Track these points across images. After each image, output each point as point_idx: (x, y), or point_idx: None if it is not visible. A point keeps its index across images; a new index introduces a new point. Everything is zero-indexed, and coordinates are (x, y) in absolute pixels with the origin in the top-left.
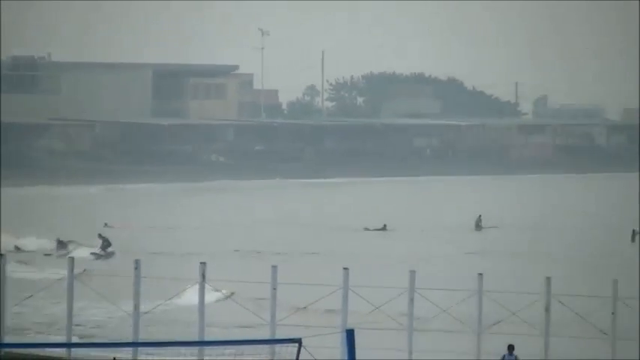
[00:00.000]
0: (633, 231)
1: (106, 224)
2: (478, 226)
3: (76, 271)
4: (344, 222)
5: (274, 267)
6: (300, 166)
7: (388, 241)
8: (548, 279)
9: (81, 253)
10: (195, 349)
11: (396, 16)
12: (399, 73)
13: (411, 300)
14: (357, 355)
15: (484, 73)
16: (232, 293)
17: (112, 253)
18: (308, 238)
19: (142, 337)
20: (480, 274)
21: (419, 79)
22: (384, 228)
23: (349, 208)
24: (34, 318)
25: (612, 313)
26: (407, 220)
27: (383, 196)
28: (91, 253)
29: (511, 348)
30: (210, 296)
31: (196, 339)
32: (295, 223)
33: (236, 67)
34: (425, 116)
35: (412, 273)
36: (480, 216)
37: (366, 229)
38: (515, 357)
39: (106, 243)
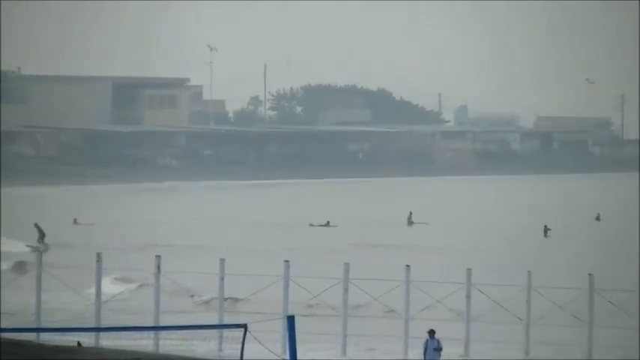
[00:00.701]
0: (545, 227)
1: (75, 221)
2: (410, 222)
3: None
4: (289, 219)
5: (222, 260)
6: (245, 168)
7: (331, 235)
8: (469, 270)
9: (15, 246)
10: (151, 334)
11: (331, 32)
12: (333, 84)
13: (346, 290)
14: (299, 339)
15: (411, 84)
16: (142, 284)
17: (47, 245)
18: (254, 234)
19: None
20: (408, 265)
21: (352, 90)
22: (327, 224)
23: (293, 206)
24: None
25: (527, 301)
26: (347, 217)
27: (323, 196)
28: (27, 246)
29: (432, 333)
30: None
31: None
32: (242, 221)
33: (187, 80)
34: (357, 124)
35: (346, 265)
36: (411, 213)
37: (311, 225)
38: (437, 341)
39: (42, 234)
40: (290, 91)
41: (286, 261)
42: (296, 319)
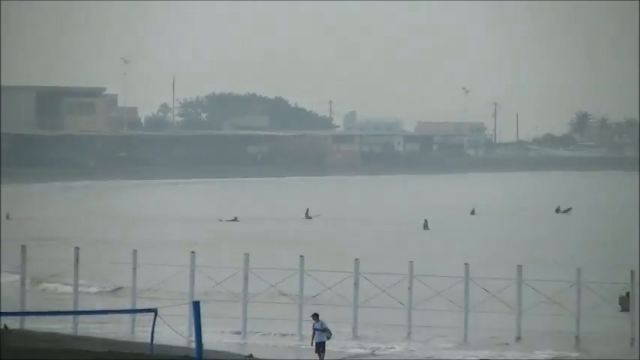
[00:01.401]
0: (425, 221)
1: (7, 216)
2: (307, 216)
3: None
4: (198, 215)
5: (135, 251)
6: (155, 169)
7: (238, 229)
8: (357, 260)
9: None
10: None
11: (232, 45)
12: (235, 93)
13: (246, 277)
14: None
15: (305, 92)
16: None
17: None
18: (166, 228)
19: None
20: (302, 256)
21: (251, 99)
22: (235, 219)
23: (202, 203)
24: None
25: (409, 288)
26: (251, 213)
27: (228, 194)
28: None
29: (315, 316)
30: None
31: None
32: (155, 216)
33: (104, 89)
34: (256, 128)
35: (246, 256)
36: (308, 209)
37: (220, 220)
38: (321, 322)
39: None
40: (196, 100)
41: (192, 252)
42: (201, 304)
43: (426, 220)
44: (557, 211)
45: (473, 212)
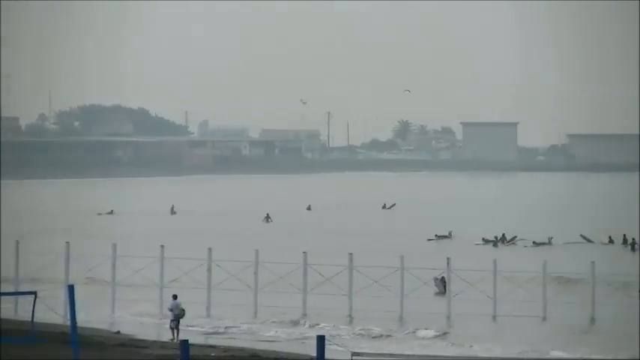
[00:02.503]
0: (267, 215)
1: None
2: (173, 212)
3: None
4: (78, 208)
5: (17, 241)
6: (34, 170)
7: (112, 223)
8: (210, 249)
9: None
10: None
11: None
12: (104, 104)
13: (113, 265)
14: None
15: (163, 103)
16: None
17: None
18: (46, 222)
19: None
20: (162, 245)
21: (117, 109)
22: (111, 212)
23: (79, 199)
24: None
25: (254, 273)
26: (124, 208)
27: (101, 193)
28: None
29: (174, 297)
30: None
31: None
32: (38, 212)
33: None
34: (122, 135)
35: (114, 245)
36: (173, 205)
37: (99, 214)
38: (177, 303)
39: None
40: (69, 110)
41: (67, 242)
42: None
43: (267, 214)
44: (384, 207)
45: (309, 208)
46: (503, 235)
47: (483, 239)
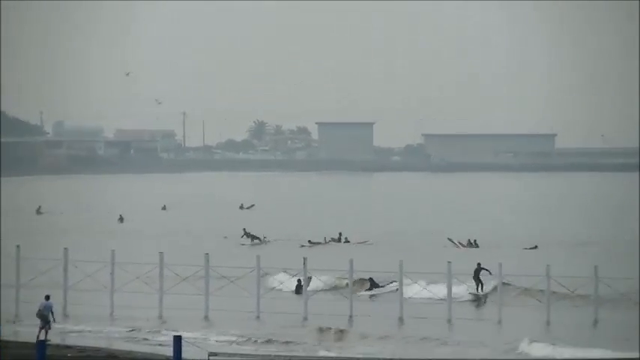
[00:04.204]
0: (120, 215)
1: None
2: (39, 212)
3: None
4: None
5: None
6: None
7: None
8: (66, 249)
9: None
10: None
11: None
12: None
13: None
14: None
15: (18, 104)
16: None
17: None
18: None
19: None
20: (66, 248)
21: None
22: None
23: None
24: None
25: (110, 274)
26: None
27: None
28: None
29: (47, 297)
30: None
31: None
32: None
33: None
34: None
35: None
36: (40, 206)
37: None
38: (48, 304)
39: None
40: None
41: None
42: None
43: (121, 215)
44: (241, 207)
45: (164, 208)
46: (340, 234)
47: (309, 241)
